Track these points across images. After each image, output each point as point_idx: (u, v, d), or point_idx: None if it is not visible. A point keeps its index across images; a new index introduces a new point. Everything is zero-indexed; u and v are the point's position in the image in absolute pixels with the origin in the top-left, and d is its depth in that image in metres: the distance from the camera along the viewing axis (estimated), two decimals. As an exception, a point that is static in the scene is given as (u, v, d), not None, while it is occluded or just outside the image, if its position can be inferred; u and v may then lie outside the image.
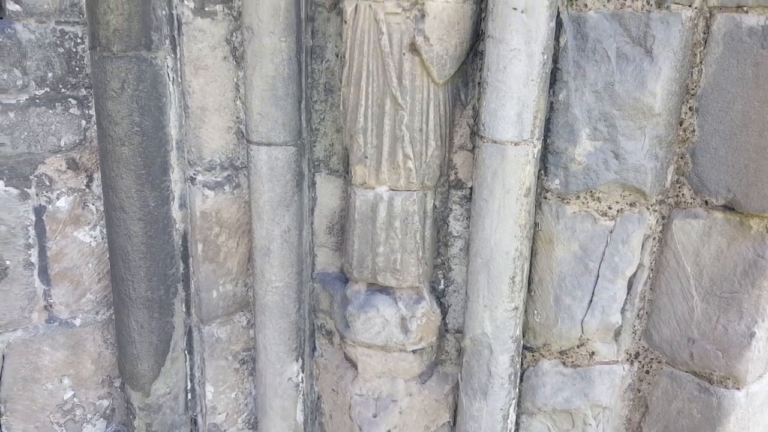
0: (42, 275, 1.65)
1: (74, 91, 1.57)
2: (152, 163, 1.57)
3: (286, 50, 1.51)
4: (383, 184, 1.52)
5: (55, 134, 1.57)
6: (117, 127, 1.51)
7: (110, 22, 1.44)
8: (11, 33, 1.47)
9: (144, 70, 1.50)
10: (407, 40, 1.41)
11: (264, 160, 1.58)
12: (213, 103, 1.61)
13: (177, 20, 1.52)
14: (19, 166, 1.55)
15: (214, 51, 1.57)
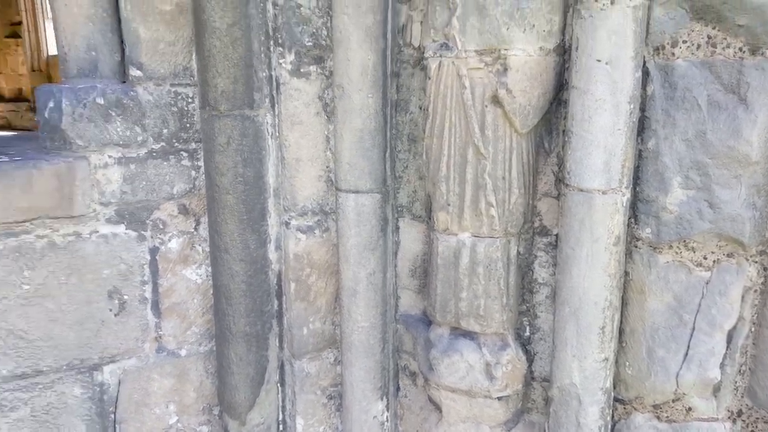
0: (154, 309, 1.82)
1: (185, 144, 1.75)
2: (253, 209, 1.71)
3: (373, 105, 1.60)
4: (466, 230, 1.55)
5: (169, 183, 1.75)
6: (223, 177, 1.66)
7: (218, 85, 1.60)
8: (133, 95, 1.67)
9: (247, 126, 1.64)
10: (489, 92, 1.46)
11: (352, 206, 1.67)
12: (306, 155, 1.73)
13: (276, 81, 1.67)
14: (138, 212, 1.74)
15: (308, 107, 1.69)
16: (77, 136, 1.62)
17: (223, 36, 1.56)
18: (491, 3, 1.40)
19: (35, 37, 9.67)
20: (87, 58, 1.67)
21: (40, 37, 9.71)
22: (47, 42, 9.75)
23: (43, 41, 9.72)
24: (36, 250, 1.63)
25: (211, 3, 1.54)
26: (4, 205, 1.56)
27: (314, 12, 1.63)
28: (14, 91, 10.05)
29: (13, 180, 1.56)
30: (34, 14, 9.67)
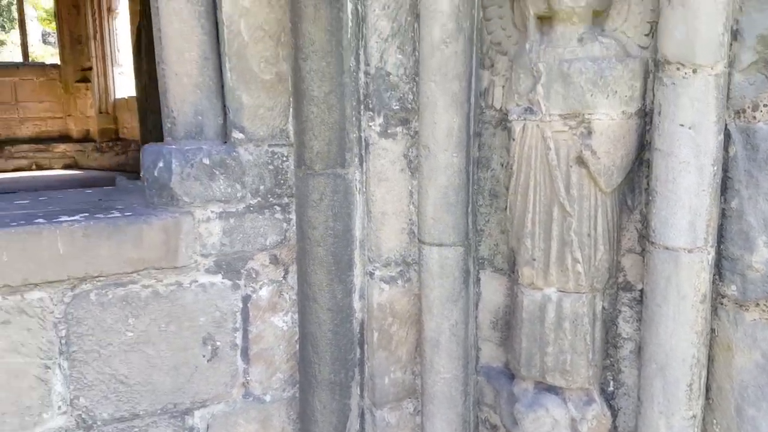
0: (243, 355, 1.92)
1: (279, 199, 1.88)
2: (340, 261, 1.81)
3: (457, 164, 1.69)
4: (552, 285, 1.61)
5: (263, 235, 1.88)
6: (315, 230, 1.78)
7: (314, 147, 1.73)
8: (235, 155, 1.81)
9: (338, 183, 1.76)
10: (574, 153, 1.53)
11: (435, 259, 1.74)
12: (391, 209, 1.82)
13: (365, 141, 1.78)
14: (234, 262, 1.86)
15: (394, 165, 1.80)
16: (184, 193, 1.76)
17: (321, 103, 1.69)
18: (575, 71, 1.48)
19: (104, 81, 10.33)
20: (194, 122, 1.83)
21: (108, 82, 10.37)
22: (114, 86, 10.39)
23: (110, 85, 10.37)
24: (141, 299, 1.76)
25: (310, 74, 1.68)
26: (116, 258, 1.70)
27: (401, 79, 1.75)
28: (82, 132, 10.69)
29: (126, 235, 1.71)
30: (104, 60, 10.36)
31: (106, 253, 1.68)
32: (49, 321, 1.66)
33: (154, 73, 5.86)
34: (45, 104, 10.79)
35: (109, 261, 1.69)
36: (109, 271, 1.70)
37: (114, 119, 10.33)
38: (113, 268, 1.70)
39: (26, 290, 1.63)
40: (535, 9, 1.54)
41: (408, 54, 1.75)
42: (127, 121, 9.93)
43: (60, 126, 10.86)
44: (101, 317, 1.71)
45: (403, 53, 1.74)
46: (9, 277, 1.59)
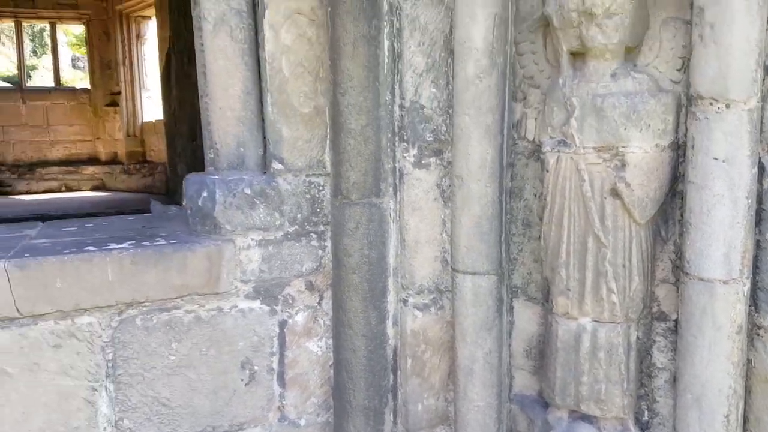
0: (279, 380, 1.96)
1: (315, 227, 1.93)
2: (375, 288, 1.85)
3: (490, 194, 1.73)
4: (586, 315, 1.63)
5: (299, 262, 1.93)
6: (350, 258, 1.83)
7: (351, 177, 1.79)
8: (275, 185, 1.88)
9: (373, 212, 1.81)
10: (608, 185, 1.56)
11: (469, 287, 1.78)
12: (424, 237, 1.87)
13: (399, 171, 1.84)
14: (272, 288, 1.91)
15: (427, 194, 1.85)
16: (226, 222, 1.83)
17: (357, 135, 1.76)
18: (609, 106, 1.53)
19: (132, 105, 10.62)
20: (236, 153, 1.91)
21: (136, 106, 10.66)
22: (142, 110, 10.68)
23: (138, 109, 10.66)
24: (184, 324, 1.82)
25: (348, 108, 1.74)
26: (162, 284, 1.77)
27: (435, 111, 1.81)
28: (110, 154, 10.97)
29: (171, 262, 1.77)
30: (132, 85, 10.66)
31: (153, 279, 1.75)
32: (97, 345, 1.73)
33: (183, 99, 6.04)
34: (75, 127, 11.11)
35: (155, 287, 1.76)
36: (155, 296, 1.76)
37: (141, 142, 10.60)
38: (159, 293, 1.77)
39: (77, 315, 1.70)
40: (568, 45, 1.59)
41: (441, 87, 1.81)
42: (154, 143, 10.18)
43: (89, 149, 11.16)
44: (146, 341, 1.78)
45: (437, 87, 1.81)
46: (62, 302, 1.66)
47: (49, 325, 1.67)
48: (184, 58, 5.32)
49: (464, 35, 1.67)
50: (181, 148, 6.33)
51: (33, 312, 1.65)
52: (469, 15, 1.65)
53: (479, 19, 1.64)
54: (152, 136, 10.24)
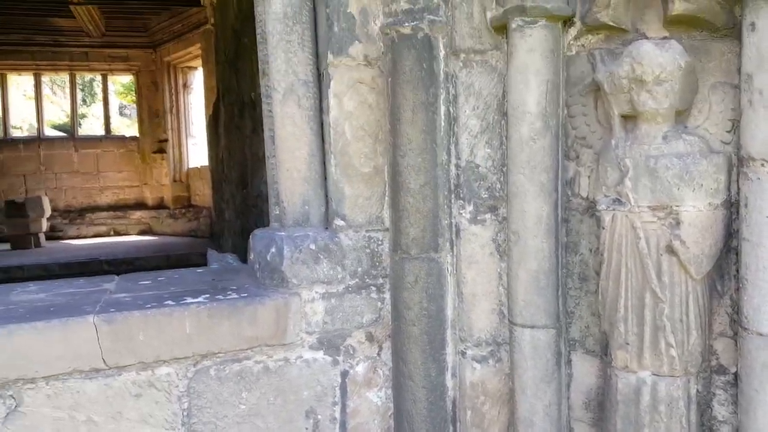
0: (341, 429, 2.02)
1: (374, 280, 2.03)
2: (434, 340, 1.92)
3: (547, 249, 1.80)
4: (646, 369, 1.66)
5: (360, 314, 2.02)
6: (410, 311, 1.91)
7: (410, 233, 1.88)
8: (337, 241, 1.99)
9: (432, 267, 1.90)
10: (664, 243, 1.62)
11: (527, 340, 1.83)
12: (481, 290, 1.94)
13: (455, 227, 1.93)
14: (334, 339, 2.00)
15: (483, 249, 1.93)
16: (293, 276, 1.94)
17: (416, 194, 1.86)
18: (662, 167, 1.60)
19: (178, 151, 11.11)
20: (301, 211, 2.04)
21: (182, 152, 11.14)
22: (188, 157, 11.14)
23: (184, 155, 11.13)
24: (253, 374, 1.92)
25: (407, 169, 1.86)
26: (235, 336, 1.88)
27: (490, 170, 1.91)
28: (157, 199, 11.42)
29: (243, 314, 1.88)
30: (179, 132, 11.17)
31: (226, 331, 1.86)
32: (174, 394, 1.83)
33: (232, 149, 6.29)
34: (123, 174, 11.64)
35: (228, 339, 1.87)
36: (228, 348, 1.87)
37: (187, 187, 11.02)
38: (231, 345, 1.87)
39: (156, 366, 1.82)
40: (619, 109, 1.68)
41: (495, 147, 1.91)
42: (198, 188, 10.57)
43: (136, 194, 11.64)
44: (219, 391, 1.88)
45: (491, 147, 1.91)
46: (143, 354, 1.79)
47: (131, 375, 1.79)
48: (235, 110, 5.59)
49: (518, 100, 1.77)
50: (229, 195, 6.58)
51: (118, 363, 1.77)
52: (522, 82, 1.76)
53: (532, 85, 1.75)
54: (197, 181, 10.65)
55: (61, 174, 11.43)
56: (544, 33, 1.74)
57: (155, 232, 10.82)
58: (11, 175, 11.43)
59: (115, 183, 11.61)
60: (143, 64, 11.74)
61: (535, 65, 1.74)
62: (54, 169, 11.40)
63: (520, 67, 1.76)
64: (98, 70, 12.37)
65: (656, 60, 1.59)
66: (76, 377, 1.74)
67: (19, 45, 11.59)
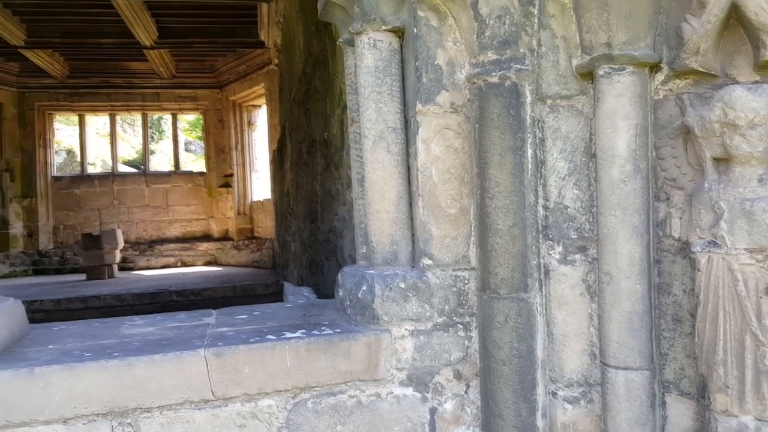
0: (430, 464, 2.06)
1: (461, 318, 2.08)
2: (525, 380, 1.94)
3: (640, 291, 1.81)
4: (748, 413, 1.63)
5: (447, 351, 2.07)
6: (500, 350, 1.94)
7: (499, 273, 1.94)
8: (425, 279, 2.06)
9: (522, 307, 1.94)
10: (763, 285, 1.61)
11: (621, 382, 1.83)
12: (572, 331, 1.96)
13: (544, 268, 1.97)
14: (423, 376, 2.06)
15: (573, 289, 1.96)
16: (384, 313, 2.02)
17: (505, 235, 1.92)
18: (759, 210, 1.60)
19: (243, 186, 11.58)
20: (390, 250, 2.13)
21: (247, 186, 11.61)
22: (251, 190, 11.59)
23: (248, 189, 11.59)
24: (347, 408, 1.99)
25: (495, 210, 1.92)
26: (330, 370, 1.97)
27: (578, 211, 1.95)
28: (222, 231, 11.89)
29: (339, 349, 1.97)
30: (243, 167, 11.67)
31: (323, 365, 1.95)
32: (274, 426, 1.93)
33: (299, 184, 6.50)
34: (191, 207, 12.22)
35: (324, 373, 1.96)
36: (324, 381, 1.96)
37: (250, 219, 11.44)
38: (327, 379, 1.96)
39: (259, 398, 1.92)
40: (711, 152, 1.70)
41: (584, 189, 1.95)
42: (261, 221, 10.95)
43: (203, 227, 12.16)
44: (315, 423, 1.96)
45: (579, 188, 1.95)
46: (248, 386, 1.90)
47: (236, 406, 1.90)
48: (303, 148, 5.83)
49: (607, 144, 1.82)
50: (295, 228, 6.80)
51: (225, 395, 1.89)
52: (611, 126, 1.81)
53: (621, 129, 1.79)
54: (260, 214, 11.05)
55: (132, 208, 12.11)
56: (632, 79, 1.79)
57: (220, 262, 11.24)
58: (87, 209, 12.20)
59: (183, 216, 12.18)
60: (210, 103, 12.39)
61: (623, 110, 1.79)
62: (126, 203, 12.09)
63: (608, 111, 1.81)
64: (168, 110, 13.13)
65: (749, 105, 1.61)
66: (187, 407, 1.87)
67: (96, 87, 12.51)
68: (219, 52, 11.66)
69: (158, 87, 12.46)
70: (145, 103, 12.80)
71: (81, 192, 12.16)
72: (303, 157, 5.91)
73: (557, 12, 1.91)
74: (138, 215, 12.09)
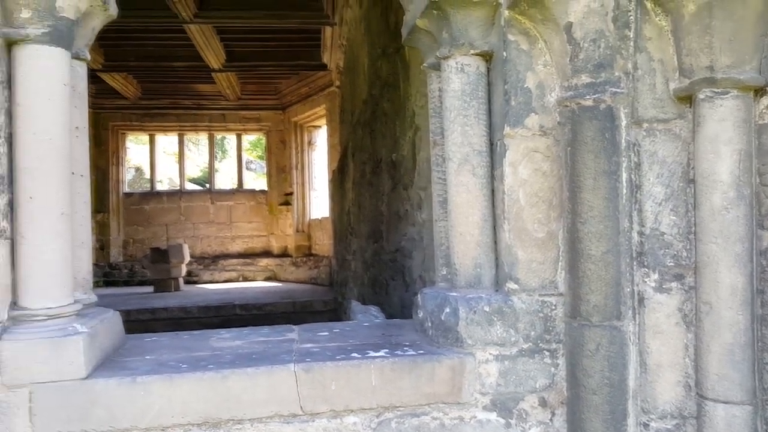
0: (513, 493, 2.02)
1: (547, 345, 2.04)
2: (615, 410, 1.88)
3: (742, 322, 1.74)
4: None
5: (533, 378, 2.03)
6: (590, 379, 1.89)
7: (591, 300, 1.90)
8: (510, 304, 2.04)
9: (614, 335, 1.88)
10: None
11: (721, 416, 1.75)
12: (666, 361, 1.89)
13: (638, 295, 1.91)
14: (507, 402, 2.02)
15: (669, 318, 1.89)
16: (468, 336, 2.01)
17: (598, 261, 1.88)
18: None
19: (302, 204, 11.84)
20: (473, 273, 2.12)
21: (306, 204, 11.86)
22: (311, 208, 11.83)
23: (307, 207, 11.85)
24: (430, 430, 1.98)
25: (588, 236, 1.89)
26: (414, 391, 1.97)
27: (675, 237, 1.89)
28: (281, 248, 12.17)
29: (422, 371, 1.97)
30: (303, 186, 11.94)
31: (407, 385, 1.96)
32: (358, 444, 1.94)
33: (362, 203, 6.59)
34: (253, 224, 12.57)
35: (408, 393, 1.96)
36: (408, 402, 1.96)
37: (308, 237, 11.67)
38: (411, 399, 1.96)
39: (345, 415, 1.94)
40: (825, 179, 1.62)
41: (681, 215, 1.89)
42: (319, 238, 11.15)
43: (263, 243, 12.48)
44: (398, 445, 1.96)
45: (676, 214, 1.90)
46: (334, 402, 1.92)
47: (323, 422, 1.93)
48: (367, 168, 5.92)
49: (708, 169, 1.77)
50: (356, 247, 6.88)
51: (312, 410, 1.92)
52: (712, 152, 1.75)
53: (724, 155, 1.74)
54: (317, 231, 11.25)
55: (198, 224, 12.57)
56: (735, 103, 1.74)
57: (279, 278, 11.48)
58: (155, 224, 12.76)
59: (245, 232, 12.55)
60: (273, 124, 12.80)
61: (726, 134, 1.74)
62: (192, 219, 12.57)
63: (709, 136, 1.76)
64: (233, 130, 13.64)
65: None
66: (276, 421, 1.91)
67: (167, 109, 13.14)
68: (283, 75, 12.05)
69: (224, 109, 12.97)
70: (212, 123, 13.34)
71: (150, 208, 12.75)
72: (367, 177, 5.99)
73: (654, 35, 1.89)
74: (203, 231, 12.54)
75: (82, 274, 2.14)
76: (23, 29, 1.82)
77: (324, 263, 10.60)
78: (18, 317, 1.84)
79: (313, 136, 12.37)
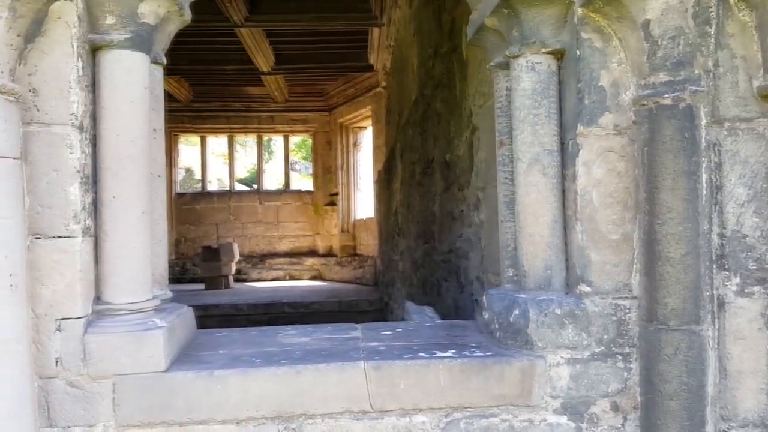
0: (583, 499, 1.98)
1: (621, 349, 2.00)
2: (693, 417, 1.83)
3: (836, 329, 1.65)
4: None
5: (605, 382, 1.99)
6: (667, 384, 1.84)
7: (669, 304, 1.84)
8: (582, 307, 2.01)
9: (693, 340, 1.83)
10: None
11: (811, 428, 1.67)
12: (748, 367, 1.82)
13: (718, 299, 1.85)
14: (578, 406, 1.99)
15: (751, 324, 1.82)
16: (538, 339, 1.99)
17: (676, 264, 1.83)
18: None
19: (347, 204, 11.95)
20: (543, 275, 2.10)
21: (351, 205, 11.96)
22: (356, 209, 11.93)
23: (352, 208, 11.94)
24: (499, 431, 1.97)
25: (666, 237, 1.84)
26: (482, 392, 1.96)
27: (758, 240, 1.82)
28: (326, 248, 12.31)
29: (492, 372, 1.96)
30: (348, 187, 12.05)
31: (475, 386, 1.95)
32: (428, 443, 1.95)
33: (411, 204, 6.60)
34: (299, 224, 12.76)
35: (477, 394, 1.95)
36: (477, 403, 1.96)
37: (353, 237, 11.76)
38: (480, 400, 1.96)
39: (413, 414, 1.95)
40: None
41: (764, 217, 1.82)
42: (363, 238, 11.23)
43: (309, 243, 12.65)
44: (468, 445, 1.96)
45: (759, 216, 1.83)
46: (403, 401, 1.94)
47: (392, 420, 1.95)
48: (417, 168, 5.92)
49: (797, 170, 1.69)
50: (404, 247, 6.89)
51: (382, 408, 1.93)
52: (803, 151, 1.68)
53: (816, 154, 1.66)
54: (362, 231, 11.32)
55: (246, 223, 12.85)
56: (829, 100, 1.66)
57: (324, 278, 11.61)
58: (206, 223, 13.11)
59: (292, 232, 12.75)
60: (319, 126, 12.96)
61: (818, 133, 1.66)
62: (241, 219, 12.85)
63: (799, 135, 1.69)
64: (281, 132, 13.88)
65: None
66: (347, 417, 1.94)
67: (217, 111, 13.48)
68: (329, 77, 12.19)
69: (272, 111, 13.21)
70: (261, 125, 13.61)
71: (201, 207, 13.10)
72: (416, 178, 6.00)
73: (737, 31, 1.82)
74: (251, 230, 12.80)
75: (159, 271, 2.22)
76: (107, 35, 1.91)
77: (369, 263, 10.66)
78: (101, 311, 1.93)
79: (359, 137, 12.46)
